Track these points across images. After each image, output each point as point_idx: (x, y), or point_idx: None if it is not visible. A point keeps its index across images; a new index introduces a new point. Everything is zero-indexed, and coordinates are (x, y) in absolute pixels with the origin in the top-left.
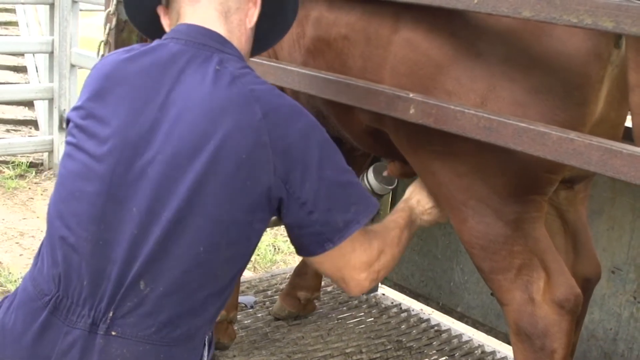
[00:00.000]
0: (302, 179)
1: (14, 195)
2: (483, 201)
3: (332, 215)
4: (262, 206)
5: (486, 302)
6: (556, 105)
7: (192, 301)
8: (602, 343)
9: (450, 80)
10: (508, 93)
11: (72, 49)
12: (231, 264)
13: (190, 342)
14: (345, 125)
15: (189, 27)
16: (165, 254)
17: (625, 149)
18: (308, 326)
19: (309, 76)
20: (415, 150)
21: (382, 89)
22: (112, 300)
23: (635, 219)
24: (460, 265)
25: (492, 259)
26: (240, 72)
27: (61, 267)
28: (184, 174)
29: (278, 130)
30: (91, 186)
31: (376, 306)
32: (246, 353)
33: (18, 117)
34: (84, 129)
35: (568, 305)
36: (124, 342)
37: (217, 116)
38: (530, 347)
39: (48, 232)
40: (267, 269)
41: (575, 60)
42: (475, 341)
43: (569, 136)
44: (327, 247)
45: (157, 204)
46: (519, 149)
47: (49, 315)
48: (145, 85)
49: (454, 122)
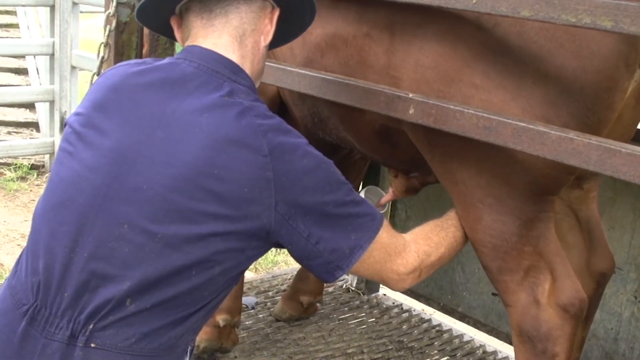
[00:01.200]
0: (304, 214)
1: (16, 197)
2: (502, 199)
3: (336, 243)
4: (258, 237)
5: (487, 303)
6: (587, 107)
7: (176, 315)
8: (603, 342)
9: (478, 73)
10: (541, 91)
11: (72, 51)
12: (220, 287)
13: (171, 353)
14: (350, 126)
15: (202, 51)
16: (158, 275)
17: (624, 148)
18: (309, 327)
19: (308, 77)
20: (433, 147)
21: (382, 89)
22: (94, 315)
23: (636, 218)
24: (461, 266)
25: (502, 259)
26: (250, 105)
27: (41, 275)
28: (183, 199)
29: (283, 168)
30: (83, 197)
31: (377, 307)
32: (247, 354)
33: (19, 119)
34: (82, 137)
35: (572, 310)
36: (103, 353)
37: (223, 146)
38: (532, 350)
39: (32, 238)
40: (269, 270)
41: (607, 63)
42: (477, 341)
43: (568, 135)
44: (337, 274)
45: (153, 226)
46: (518, 149)
47: (27, 326)
48: (151, 102)
49: (453, 122)
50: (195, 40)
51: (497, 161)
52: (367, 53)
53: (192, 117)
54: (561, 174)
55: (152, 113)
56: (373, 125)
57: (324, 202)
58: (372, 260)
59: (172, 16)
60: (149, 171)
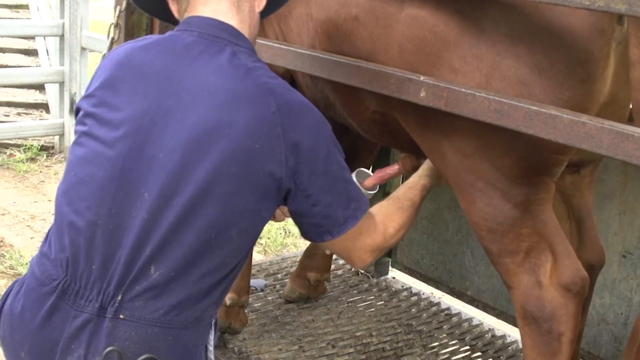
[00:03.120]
0: (310, 172)
1: (25, 178)
2: (491, 183)
3: (333, 210)
4: (271, 195)
5: (496, 286)
6: (559, 82)
7: (200, 285)
8: (613, 327)
9: (457, 57)
10: (513, 71)
11: (82, 32)
12: (239, 250)
13: (198, 325)
14: (351, 112)
15: (201, 19)
16: (177, 239)
17: (637, 133)
18: (318, 309)
19: (319, 59)
20: (424, 132)
21: (393, 72)
22: (121, 284)
23: None
24: (470, 249)
25: (500, 242)
26: (254, 65)
27: (69, 251)
28: (198, 161)
29: (291, 123)
30: (102, 171)
31: (386, 290)
32: (256, 336)
33: (29, 101)
34: (95, 116)
35: (575, 288)
36: (132, 324)
37: (232, 106)
38: (537, 331)
39: (56, 219)
40: (278, 252)
41: (578, 35)
42: (486, 325)
43: (581, 119)
44: (326, 238)
45: (170, 190)
46: (530, 132)
47: (57, 299)
48: (158, 74)
49: (464, 105)
50: (195, 9)
51: (481, 144)
52: (356, 37)
53: (199, 81)
54: (548, 154)
55: (160, 83)
56: (370, 112)
57: (329, 159)
58: (346, 237)
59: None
60: (163, 139)
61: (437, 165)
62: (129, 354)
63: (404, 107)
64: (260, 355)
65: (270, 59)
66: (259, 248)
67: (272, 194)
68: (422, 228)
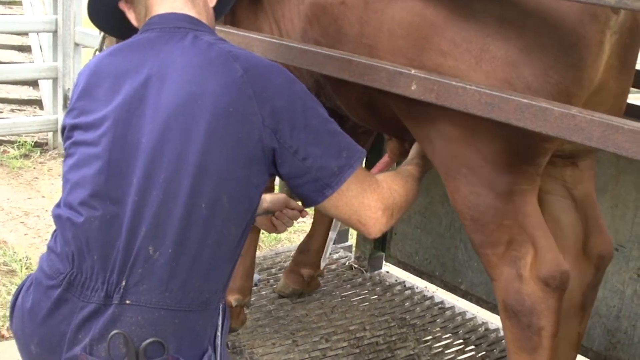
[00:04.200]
0: (290, 127)
1: (19, 174)
2: (475, 170)
3: (325, 161)
4: (257, 159)
5: (489, 280)
6: (549, 65)
7: (202, 265)
8: (605, 320)
9: (445, 41)
10: (502, 53)
11: (75, 28)
12: (234, 222)
13: (206, 309)
14: (341, 96)
15: (160, 16)
16: (168, 215)
17: (626, 125)
18: (312, 304)
19: (311, 53)
20: (413, 116)
21: (384, 65)
22: (123, 270)
23: (638, 196)
24: (463, 243)
25: (482, 232)
26: (216, 40)
27: (73, 245)
28: (176, 136)
29: (260, 84)
30: (91, 169)
31: (380, 284)
32: (250, 330)
33: (22, 97)
34: (79, 126)
35: (554, 283)
36: (138, 309)
37: (200, 78)
38: (517, 324)
39: (58, 222)
40: (272, 247)
41: (569, 17)
42: (479, 318)
43: (571, 112)
44: (327, 192)
45: (153, 168)
46: (521, 125)
47: (64, 292)
48: (128, 71)
49: (455, 98)
50: (152, 11)
51: (467, 129)
52: (343, 21)
53: (167, 66)
54: (535, 142)
55: (131, 78)
56: (359, 95)
57: (308, 114)
58: (350, 194)
59: (119, 2)
60: (142, 125)
61: (426, 150)
62: (134, 338)
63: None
64: (253, 350)
65: (262, 53)
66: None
67: (258, 158)
68: (415, 222)
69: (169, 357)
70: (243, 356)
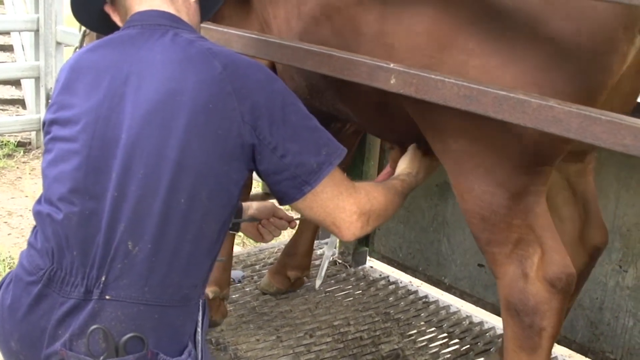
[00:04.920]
0: (270, 124)
1: (2, 174)
2: (492, 170)
3: (304, 157)
4: (236, 155)
5: (473, 274)
6: (582, 70)
7: (181, 260)
8: (589, 312)
9: (472, 38)
10: (534, 56)
11: (57, 27)
12: (213, 217)
13: (185, 304)
14: (348, 98)
15: (140, 14)
16: (147, 210)
17: (604, 116)
18: (296, 300)
19: (291, 48)
20: (426, 116)
21: (364, 60)
22: (103, 265)
23: (620, 188)
24: (447, 237)
25: (491, 231)
26: (196, 38)
27: (53, 241)
28: (155, 132)
29: (240, 80)
30: (70, 165)
31: (364, 279)
32: (234, 327)
33: (5, 97)
34: (57, 121)
35: (559, 284)
36: (118, 304)
37: (179, 75)
38: (519, 324)
39: (38, 218)
40: (256, 244)
41: (604, 25)
42: (463, 312)
43: (549, 103)
44: (305, 189)
45: (133, 164)
46: (499, 118)
47: (44, 287)
48: (108, 67)
49: (435, 92)
50: (132, 9)
51: (488, 130)
52: (359, 21)
53: (147, 63)
54: (555, 142)
55: (111, 74)
56: (370, 94)
57: (287, 110)
58: (325, 196)
59: (104, 5)
60: (122, 121)
61: (437, 150)
62: (114, 333)
63: None
64: (238, 346)
65: (242, 49)
66: (238, 240)
67: (237, 154)
68: (398, 217)
69: (149, 352)
70: (227, 352)
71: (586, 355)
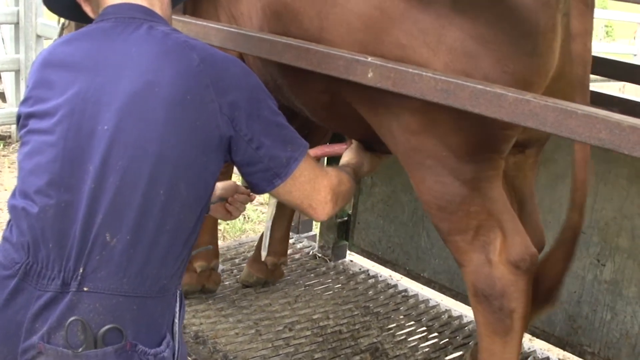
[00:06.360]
0: (247, 117)
1: None
2: (440, 160)
3: (276, 151)
4: (214, 146)
5: (452, 267)
6: (505, 55)
7: (159, 250)
8: (567, 306)
9: (403, 33)
10: (459, 44)
11: (37, 20)
12: (191, 208)
13: (163, 295)
14: (299, 94)
15: (114, 7)
16: (125, 202)
17: (580, 110)
18: (275, 293)
19: (268, 41)
20: (373, 111)
21: (341, 54)
22: (80, 257)
23: (598, 182)
24: (426, 231)
25: (450, 220)
26: (170, 30)
27: (28, 235)
28: (133, 124)
29: (218, 73)
30: (46, 157)
31: (344, 273)
32: (213, 320)
33: None
34: (34, 115)
35: (524, 265)
36: (96, 296)
37: (156, 67)
38: (489, 308)
39: (13, 214)
40: (237, 238)
41: (523, 6)
42: (443, 306)
43: (525, 97)
44: (276, 182)
45: (111, 156)
46: (476, 111)
47: (20, 282)
48: (83, 60)
49: (412, 85)
50: (105, 2)
51: (429, 121)
52: (302, 16)
53: (122, 55)
54: (496, 130)
55: (86, 67)
56: (318, 93)
57: (261, 105)
58: (303, 180)
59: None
60: (99, 113)
61: (389, 145)
62: (92, 325)
63: (353, 87)
64: (217, 340)
65: (220, 42)
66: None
67: (215, 145)
68: (378, 211)
69: (127, 344)
70: (206, 346)
71: (564, 348)
